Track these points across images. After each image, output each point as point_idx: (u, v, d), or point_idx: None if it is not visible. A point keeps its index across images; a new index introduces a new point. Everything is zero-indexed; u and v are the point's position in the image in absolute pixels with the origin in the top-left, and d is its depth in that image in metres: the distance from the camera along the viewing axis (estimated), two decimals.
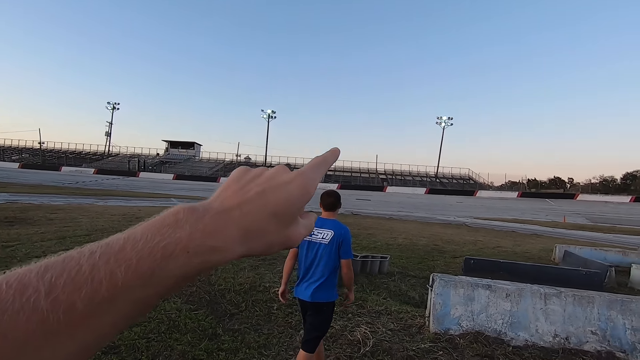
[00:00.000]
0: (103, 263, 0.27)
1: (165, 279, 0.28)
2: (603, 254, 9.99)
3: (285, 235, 0.36)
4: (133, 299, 0.27)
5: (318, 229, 2.78)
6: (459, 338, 3.70)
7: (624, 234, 18.04)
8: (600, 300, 3.74)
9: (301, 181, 0.37)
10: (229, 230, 0.32)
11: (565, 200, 48.29)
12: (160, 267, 0.28)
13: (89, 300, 0.25)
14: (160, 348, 3.17)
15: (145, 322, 3.64)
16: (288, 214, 0.36)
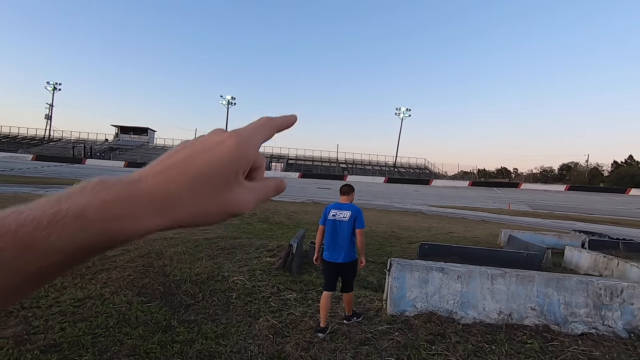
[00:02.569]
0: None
1: (54, 250, 0.25)
2: (542, 237, 10.93)
3: (224, 201, 0.32)
4: (11, 268, 0.23)
5: (339, 211, 3.85)
6: (414, 319, 3.86)
7: (560, 219, 19.84)
8: (539, 279, 4.07)
9: (235, 140, 0.33)
10: (139, 199, 0.28)
11: (511, 189, 52.02)
12: (45, 235, 0.24)
13: None
14: (108, 344, 2.98)
15: (91, 318, 3.41)
16: (221, 177, 0.32)
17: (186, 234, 7.88)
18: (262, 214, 13.72)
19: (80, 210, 0.26)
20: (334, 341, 3.35)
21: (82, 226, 0.26)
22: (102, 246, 0.27)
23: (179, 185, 0.30)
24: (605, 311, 3.95)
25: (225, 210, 0.33)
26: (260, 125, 0.38)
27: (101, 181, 0.28)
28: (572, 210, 26.61)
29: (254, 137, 0.36)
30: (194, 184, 0.31)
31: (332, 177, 54.72)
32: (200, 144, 0.33)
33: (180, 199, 0.30)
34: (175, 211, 0.30)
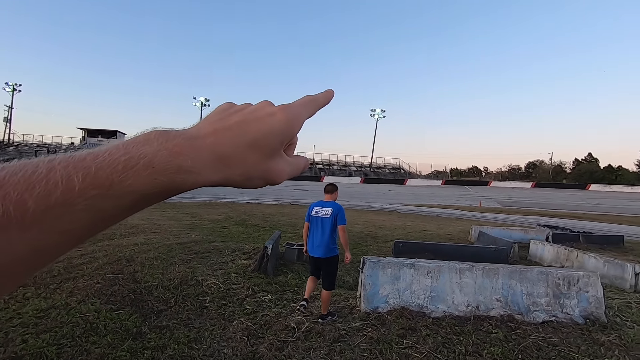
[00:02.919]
0: (61, 167, 0.26)
1: (126, 193, 0.27)
2: (509, 232, 11.42)
3: (266, 167, 0.36)
4: (90, 208, 0.26)
5: (321, 208, 4.08)
6: (386, 315, 3.96)
7: (526, 214, 20.78)
8: (504, 271, 4.28)
9: (285, 115, 0.36)
10: (201, 154, 0.31)
11: (481, 186, 53.95)
12: (120, 179, 0.27)
13: (42, 200, 0.24)
14: (74, 354, 2.88)
15: (56, 328, 3.28)
16: (269, 145, 0.35)
17: (158, 239, 7.70)
18: (238, 217, 13.58)
19: (150, 159, 0.28)
20: (308, 340, 3.38)
21: (152, 174, 0.28)
22: (168, 192, 0.30)
23: (236, 148, 0.33)
24: (563, 299, 4.20)
25: (265, 177, 0.36)
26: (305, 102, 0.41)
27: (163, 132, 0.31)
28: (538, 205, 27.93)
29: (301, 114, 0.39)
30: (247, 148, 0.34)
31: (309, 179, 54.76)
32: (252, 112, 0.36)
33: (235, 159, 0.33)
34: (230, 170, 0.33)
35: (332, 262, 4.04)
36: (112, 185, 0.26)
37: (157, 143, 0.30)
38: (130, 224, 9.82)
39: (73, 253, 6.12)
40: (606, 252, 9.06)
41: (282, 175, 0.38)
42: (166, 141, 0.30)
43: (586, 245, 10.26)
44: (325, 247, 3.98)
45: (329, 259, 4.02)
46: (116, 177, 0.27)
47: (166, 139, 0.30)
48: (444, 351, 3.24)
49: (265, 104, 0.39)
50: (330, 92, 0.45)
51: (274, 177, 0.37)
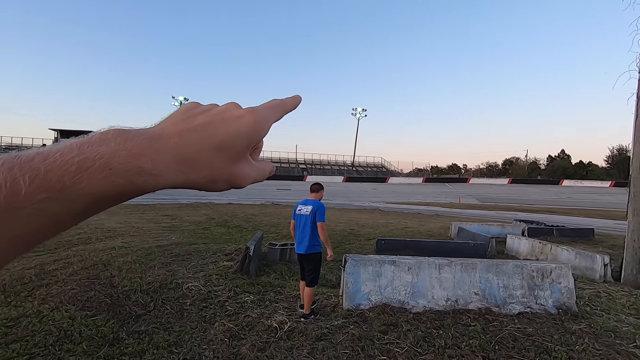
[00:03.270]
0: (6, 169, 0.24)
1: (81, 196, 0.26)
2: (487, 228, 11.74)
3: (232, 171, 0.35)
4: (39, 212, 0.24)
5: (304, 206, 4.17)
6: (368, 311, 4.00)
7: (504, 210, 21.42)
8: (481, 265, 4.40)
9: (252, 117, 0.36)
10: (163, 155, 0.30)
11: (461, 184, 55.23)
12: (73, 181, 0.25)
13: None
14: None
15: (27, 337, 3.15)
16: (235, 149, 0.34)
17: (137, 242, 7.51)
18: (219, 218, 13.40)
19: (107, 161, 0.27)
20: (290, 339, 3.38)
21: (109, 176, 0.27)
22: (127, 195, 0.29)
23: (201, 150, 0.32)
24: (537, 291, 4.35)
25: (230, 180, 0.35)
26: (272, 106, 0.40)
27: (122, 132, 0.29)
28: (514, 201, 28.84)
29: (268, 117, 0.38)
30: (213, 151, 0.33)
31: (291, 178, 54.60)
32: (218, 114, 0.35)
33: (199, 162, 0.32)
34: (194, 173, 0.32)
35: (312, 259, 4.08)
36: (64, 188, 0.25)
37: (114, 143, 0.28)
38: (107, 228, 9.54)
39: (46, 259, 5.89)
40: (577, 244, 9.45)
41: (247, 180, 0.37)
42: (125, 141, 0.29)
43: (559, 238, 10.67)
44: (306, 244, 4.04)
45: (310, 256, 4.07)
46: (69, 180, 0.25)
47: (125, 138, 0.29)
48: (424, 345, 3.30)
49: (232, 105, 0.38)
50: (297, 97, 0.44)
51: (239, 181, 0.36)
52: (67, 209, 0.26)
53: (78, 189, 0.26)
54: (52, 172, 0.25)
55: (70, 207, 0.26)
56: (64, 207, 0.25)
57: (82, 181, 0.26)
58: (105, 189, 0.27)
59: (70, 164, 0.26)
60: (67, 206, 0.26)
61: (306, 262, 4.10)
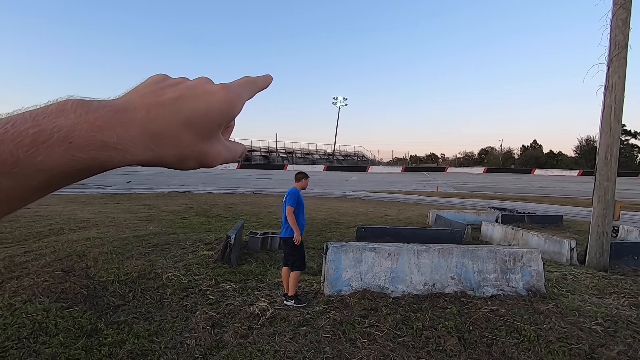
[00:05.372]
0: None
1: (37, 172, 0.24)
2: (463, 215, 12.13)
3: (202, 149, 0.33)
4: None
5: (286, 194, 4.27)
6: (349, 297, 4.09)
7: (479, 198, 22.14)
8: (457, 251, 4.56)
9: (225, 94, 0.34)
10: (129, 129, 0.28)
11: (438, 172, 56.50)
12: (28, 155, 0.23)
13: None
14: (21, 356, 2.70)
15: None
16: (206, 126, 0.32)
17: (113, 233, 7.31)
18: (199, 207, 13.20)
19: (66, 134, 0.25)
20: (272, 325, 3.42)
21: (69, 151, 0.25)
22: (90, 171, 0.27)
23: (170, 125, 0.30)
24: (509, 274, 4.56)
25: (199, 158, 0.33)
26: (244, 83, 0.38)
27: (83, 102, 0.27)
28: (489, 189, 29.81)
29: (242, 95, 0.36)
30: (182, 127, 0.31)
31: (272, 167, 54.24)
32: (189, 88, 0.33)
33: (168, 138, 0.30)
34: (162, 149, 0.30)
35: (287, 242, 4.23)
36: (17, 162, 0.23)
37: (74, 115, 0.26)
38: (80, 218, 9.23)
39: (15, 250, 5.66)
40: (547, 230, 9.91)
41: (218, 159, 0.35)
42: (86, 113, 0.26)
43: (530, 224, 11.17)
44: (285, 229, 4.23)
45: (285, 239, 4.26)
46: (22, 153, 0.23)
47: (86, 110, 0.26)
48: (403, 328, 3.42)
49: (203, 80, 0.36)
50: (268, 77, 0.43)
51: (210, 160, 0.34)
52: (24, 184, 0.24)
53: (34, 163, 0.24)
54: (3, 144, 0.23)
55: (27, 182, 0.24)
56: (19, 182, 0.24)
57: (38, 155, 0.24)
58: (64, 164, 0.25)
59: (24, 135, 0.23)
60: (22, 181, 0.24)
61: (284, 245, 4.29)
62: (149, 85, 0.34)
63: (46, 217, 9.08)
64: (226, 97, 0.34)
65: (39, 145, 0.24)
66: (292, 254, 4.16)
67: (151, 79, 0.35)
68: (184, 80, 0.35)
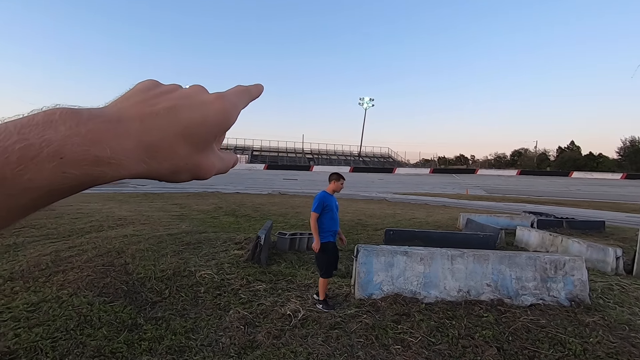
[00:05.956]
0: None
1: (26, 190, 0.22)
2: (496, 219, 11.67)
3: (197, 162, 0.32)
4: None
5: None
6: (380, 301, 4.03)
7: (512, 202, 21.26)
8: (494, 257, 4.38)
9: (222, 104, 0.33)
10: (124, 142, 0.26)
11: (468, 175, 54.84)
12: (15, 173, 0.21)
13: None
14: (69, 347, 2.85)
15: (48, 321, 3.23)
16: (202, 137, 0.31)
17: (148, 231, 7.60)
18: (228, 207, 13.50)
19: (57, 148, 0.23)
20: (304, 327, 3.42)
21: (61, 167, 0.23)
22: (82, 186, 0.25)
23: (165, 137, 0.29)
24: (550, 283, 4.34)
25: (194, 171, 0.32)
26: (239, 92, 0.37)
27: (72, 112, 0.25)
28: (523, 193, 28.59)
29: (237, 104, 0.35)
30: (178, 139, 0.29)
31: (298, 168, 54.67)
32: (183, 98, 0.32)
33: (163, 151, 0.29)
34: (156, 162, 0.29)
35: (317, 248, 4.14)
36: (4, 181, 0.21)
37: (65, 127, 0.24)
38: (118, 216, 9.67)
39: (60, 246, 6.00)
40: (588, 237, 9.36)
41: (212, 171, 0.34)
42: (77, 125, 0.24)
43: (569, 230, 10.59)
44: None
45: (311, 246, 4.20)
46: (9, 171, 0.21)
47: (77, 121, 0.24)
48: (437, 335, 3.32)
49: (198, 89, 0.34)
50: (260, 86, 0.42)
51: (204, 172, 0.33)
52: (12, 204, 0.22)
53: (22, 181, 0.22)
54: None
55: (11, 202, 0.22)
56: (8, 201, 0.22)
57: (26, 172, 0.22)
58: (55, 181, 0.23)
59: (9, 151, 0.22)
60: (10, 201, 0.22)
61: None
62: (139, 92, 0.32)
63: (87, 214, 9.58)
64: (223, 107, 0.33)
65: (27, 161, 0.22)
66: (317, 260, 4.12)
67: (141, 85, 0.33)
68: (177, 88, 0.34)
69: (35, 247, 5.88)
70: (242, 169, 49.99)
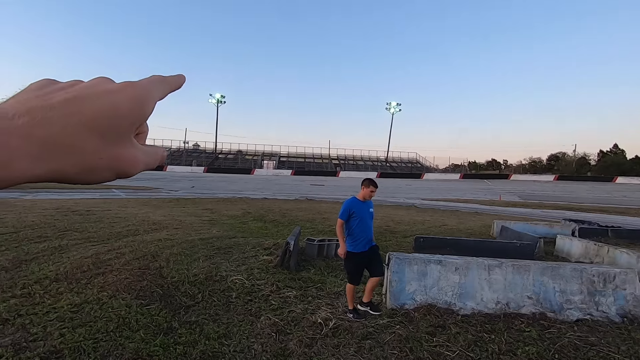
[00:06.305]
0: None
1: None
2: (533, 227, 11.10)
3: (114, 155, 0.28)
4: None
5: None
6: (413, 311, 3.90)
7: (550, 209, 20.17)
8: (535, 268, 4.14)
9: (132, 91, 0.30)
10: (10, 139, 0.23)
11: (501, 180, 52.72)
12: None
13: None
14: (109, 348, 2.94)
15: (90, 322, 3.37)
16: (114, 127, 0.28)
17: (181, 235, 7.82)
18: (256, 212, 13.68)
19: None
20: (336, 336, 3.36)
21: None
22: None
23: (62, 130, 0.25)
24: (599, 297, 4.04)
25: (114, 167, 0.29)
26: (154, 81, 0.34)
27: None
28: (561, 199, 27.08)
29: (152, 92, 0.32)
30: (81, 130, 0.26)
31: (324, 174, 54.78)
32: (86, 88, 0.29)
33: (65, 145, 0.26)
34: (59, 160, 0.26)
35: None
36: None
37: None
38: (153, 220, 10.03)
39: (100, 248, 6.28)
40: (637, 247, 8.69)
41: (137, 166, 0.31)
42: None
43: (616, 240, 9.87)
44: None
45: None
46: None
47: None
48: (476, 350, 3.16)
49: (102, 79, 0.31)
50: (182, 76, 0.38)
51: (126, 167, 0.30)
52: None
53: None
54: None
55: None
56: None
57: None
58: None
59: None
60: None
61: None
62: (31, 91, 0.29)
63: (124, 218, 10.00)
64: (133, 94, 0.30)
65: None
66: (345, 265, 4.07)
67: (34, 85, 0.30)
68: (77, 83, 0.31)
69: (78, 249, 6.19)
70: (269, 175, 50.74)
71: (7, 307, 3.62)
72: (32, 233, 7.17)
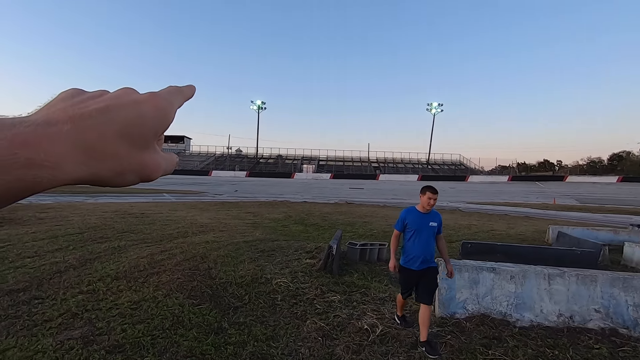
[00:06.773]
0: None
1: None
2: (595, 233, 10.17)
3: (141, 161, 0.31)
4: None
5: None
6: (465, 321, 3.71)
7: (613, 213, 18.42)
8: (603, 278, 3.78)
9: (157, 102, 0.32)
10: (58, 144, 0.25)
11: (554, 182, 49.17)
12: None
13: None
14: (166, 345, 3.10)
15: (148, 319, 3.57)
16: (141, 135, 0.30)
17: (226, 237, 8.10)
18: (297, 215, 13.85)
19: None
20: (384, 344, 3.28)
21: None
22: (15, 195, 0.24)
23: (102, 137, 0.28)
24: None
25: (139, 171, 0.31)
26: (173, 91, 0.36)
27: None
28: (626, 203, 24.63)
29: (173, 103, 0.35)
30: (114, 138, 0.28)
31: (363, 177, 54.35)
32: (114, 98, 0.31)
33: (103, 151, 0.28)
34: (97, 164, 0.28)
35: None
36: None
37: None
38: (200, 223, 10.50)
39: (154, 249, 6.67)
40: None
41: (158, 171, 0.33)
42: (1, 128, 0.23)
43: None
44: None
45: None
46: None
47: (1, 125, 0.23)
48: None
49: (128, 90, 0.33)
50: (192, 86, 0.40)
51: (149, 171, 0.32)
52: None
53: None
54: None
55: None
56: None
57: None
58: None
59: None
60: None
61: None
62: (64, 99, 0.31)
63: (175, 221, 10.56)
64: (157, 104, 0.32)
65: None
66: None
67: (64, 94, 0.32)
68: (104, 92, 0.33)
69: (135, 250, 6.62)
70: (309, 179, 51.25)
71: (76, 302, 3.94)
72: (95, 234, 7.79)
